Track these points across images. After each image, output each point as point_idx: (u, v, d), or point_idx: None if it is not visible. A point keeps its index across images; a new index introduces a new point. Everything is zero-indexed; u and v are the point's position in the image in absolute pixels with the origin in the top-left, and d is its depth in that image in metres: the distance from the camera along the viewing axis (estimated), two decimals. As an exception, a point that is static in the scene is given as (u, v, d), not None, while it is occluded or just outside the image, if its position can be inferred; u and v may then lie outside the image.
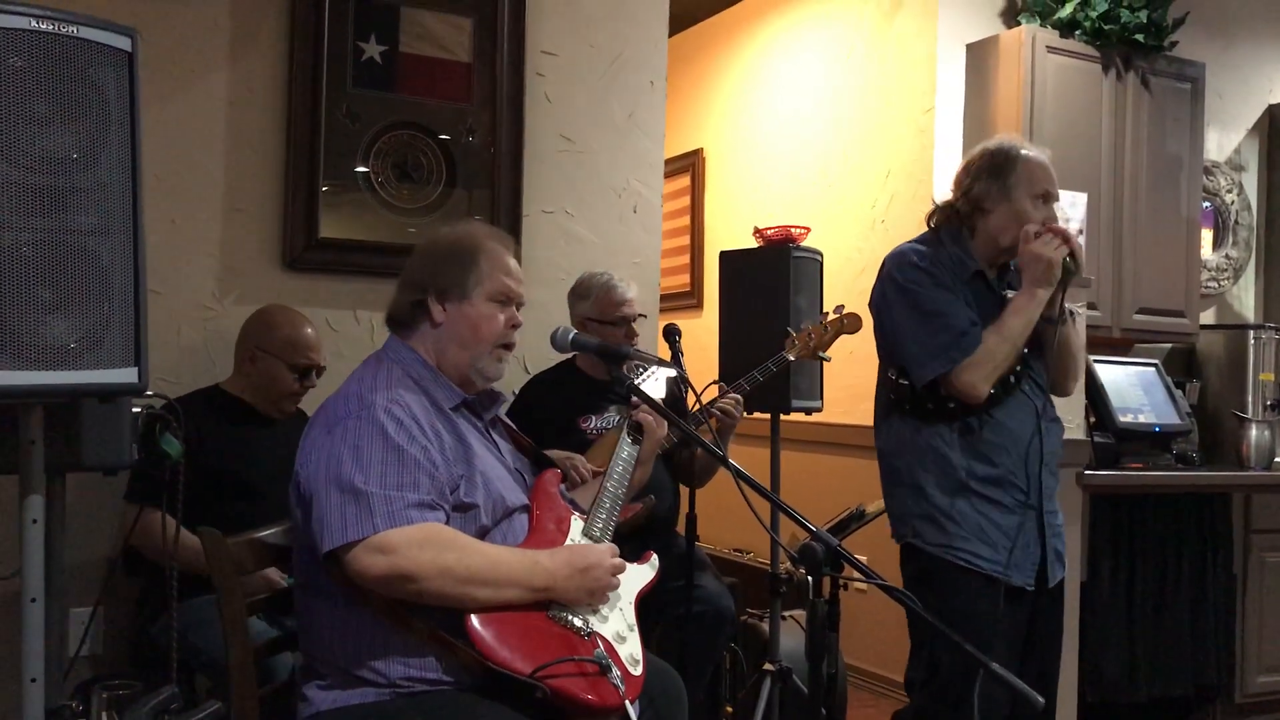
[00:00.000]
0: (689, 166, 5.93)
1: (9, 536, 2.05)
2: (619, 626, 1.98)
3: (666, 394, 2.39)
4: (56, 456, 1.87)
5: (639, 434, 2.27)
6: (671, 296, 5.57)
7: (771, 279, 3.32)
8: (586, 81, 3.68)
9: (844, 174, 4.88)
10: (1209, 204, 4.94)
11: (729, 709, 3.52)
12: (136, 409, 2.05)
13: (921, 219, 2.65)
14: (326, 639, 1.88)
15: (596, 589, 1.95)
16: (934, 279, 2.46)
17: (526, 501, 2.08)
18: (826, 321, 3.08)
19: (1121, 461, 4.03)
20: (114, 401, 1.94)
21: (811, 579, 1.68)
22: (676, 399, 2.69)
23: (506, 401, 2.35)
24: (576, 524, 2.09)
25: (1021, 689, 1.62)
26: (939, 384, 2.44)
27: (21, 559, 1.80)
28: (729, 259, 3.53)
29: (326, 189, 3.25)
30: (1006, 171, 2.48)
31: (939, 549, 2.44)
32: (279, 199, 3.22)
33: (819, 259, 3.43)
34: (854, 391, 3.85)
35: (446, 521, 1.87)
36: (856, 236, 4.73)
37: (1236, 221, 5.06)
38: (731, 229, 5.48)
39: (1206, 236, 4.94)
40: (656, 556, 2.20)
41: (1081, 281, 3.32)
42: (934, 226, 2.59)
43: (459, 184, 3.44)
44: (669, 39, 3.86)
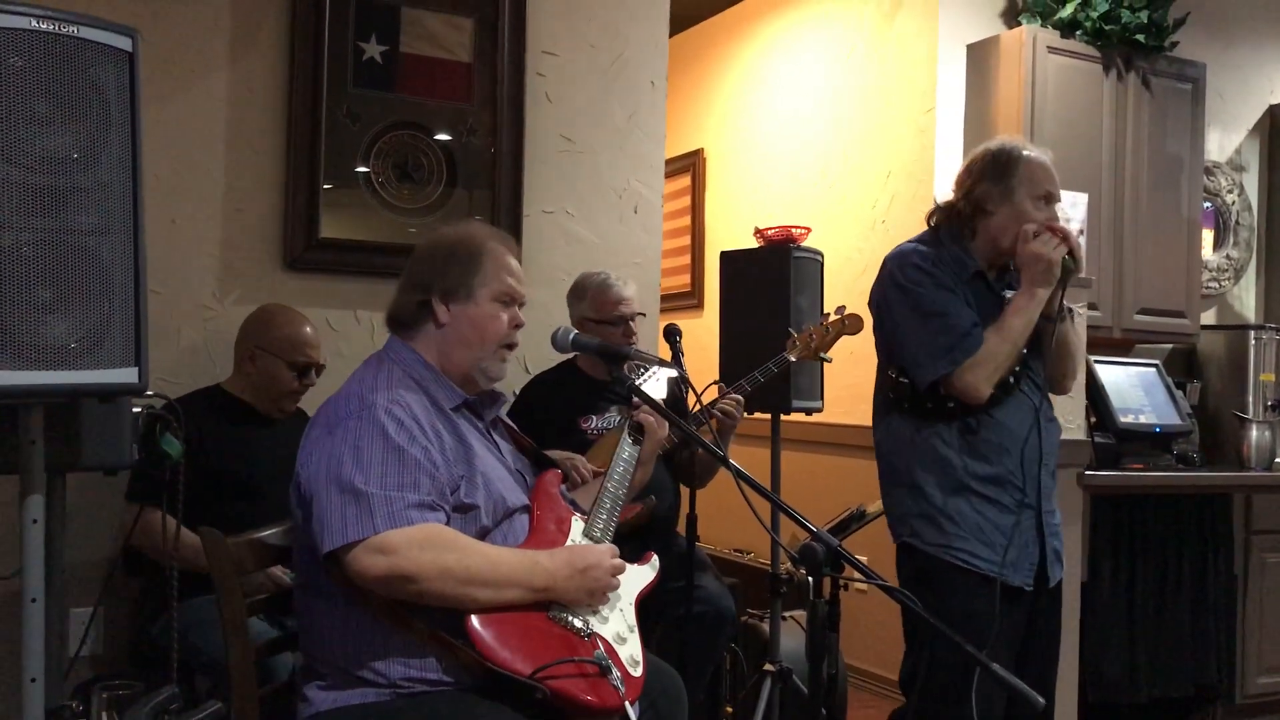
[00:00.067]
0: (689, 166, 5.92)
1: (9, 536, 2.06)
2: (619, 627, 1.98)
3: (667, 394, 2.38)
4: (56, 456, 1.87)
5: (640, 434, 2.27)
6: (672, 297, 5.56)
7: (772, 279, 3.33)
8: (587, 81, 3.68)
9: (844, 174, 4.88)
10: (1210, 204, 4.94)
11: (729, 709, 3.52)
12: (137, 409, 2.05)
13: (922, 219, 2.65)
14: (327, 639, 1.88)
15: (596, 589, 1.94)
16: (935, 280, 2.46)
17: (527, 502, 2.08)
18: (828, 322, 3.07)
19: (1122, 462, 4.03)
20: (114, 401, 1.95)
21: (812, 579, 1.68)
22: (677, 399, 2.69)
23: (507, 402, 2.35)
24: (577, 524, 2.08)
25: (1021, 689, 1.62)
26: (940, 384, 2.43)
27: (22, 559, 1.80)
28: (729, 259, 3.53)
29: (327, 189, 3.25)
30: (1008, 173, 2.47)
31: (937, 549, 2.44)
32: (279, 199, 3.22)
33: (819, 259, 3.43)
34: (854, 392, 3.85)
35: (447, 522, 1.87)
36: (857, 237, 4.73)
37: (1237, 222, 5.06)
38: (732, 229, 5.48)
39: (1207, 237, 4.94)
40: (657, 557, 2.20)
41: (1082, 281, 3.32)
42: (934, 226, 2.58)
43: (459, 184, 3.44)
44: (669, 39, 3.86)
